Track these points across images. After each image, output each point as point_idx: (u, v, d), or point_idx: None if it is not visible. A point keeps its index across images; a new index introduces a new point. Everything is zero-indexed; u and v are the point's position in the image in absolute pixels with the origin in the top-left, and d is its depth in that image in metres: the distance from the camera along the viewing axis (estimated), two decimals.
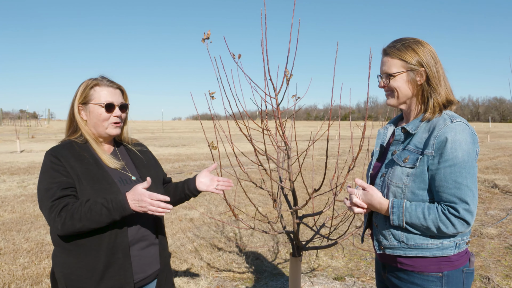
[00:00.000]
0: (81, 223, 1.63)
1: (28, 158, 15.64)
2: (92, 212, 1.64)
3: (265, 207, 7.27)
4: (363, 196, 1.67)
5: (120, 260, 1.75)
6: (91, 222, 1.64)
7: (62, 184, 1.69)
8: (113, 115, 1.85)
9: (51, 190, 1.67)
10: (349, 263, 4.59)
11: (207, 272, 4.35)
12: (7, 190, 8.94)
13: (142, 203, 1.64)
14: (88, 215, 1.63)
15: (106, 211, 1.64)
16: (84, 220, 1.63)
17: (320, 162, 14.11)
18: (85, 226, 1.65)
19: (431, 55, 1.65)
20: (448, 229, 1.52)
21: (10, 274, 4.23)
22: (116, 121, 1.87)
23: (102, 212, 1.64)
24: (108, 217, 1.65)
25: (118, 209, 1.65)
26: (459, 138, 1.52)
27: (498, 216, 6.65)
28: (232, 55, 2.55)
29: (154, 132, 45.01)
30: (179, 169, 12.49)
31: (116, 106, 1.86)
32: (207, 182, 2.04)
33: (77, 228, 1.65)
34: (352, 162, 2.51)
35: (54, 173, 1.71)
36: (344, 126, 52.64)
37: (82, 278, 1.73)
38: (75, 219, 1.63)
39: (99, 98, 1.83)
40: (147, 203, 1.63)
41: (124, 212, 1.66)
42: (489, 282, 3.98)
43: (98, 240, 1.72)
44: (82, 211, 1.64)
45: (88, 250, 1.73)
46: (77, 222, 1.63)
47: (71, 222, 1.63)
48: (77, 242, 1.73)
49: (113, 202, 1.66)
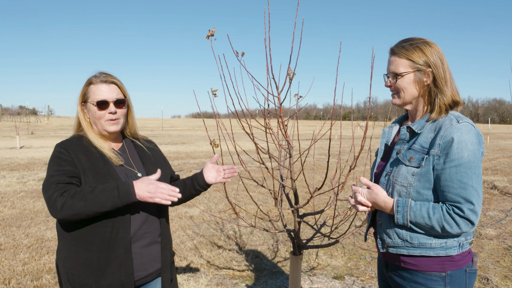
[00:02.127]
0: (82, 203, 1.61)
1: (28, 154, 15.64)
2: (94, 192, 1.63)
3: (265, 206, 7.27)
4: (368, 195, 1.68)
5: (122, 256, 1.74)
6: (93, 204, 1.62)
7: (68, 172, 1.71)
8: (107, 112, 1.82)
9: (57, 176, 1.69)
10: (349, 262, 4.60)
11: (207, 269, 4.35)
12: (6, 186, 8.94)
13: (151, 187, 1.65)
14: (90, 195, 1.62)
15: (112, 194, 1.63)
16: (86, 200, 1.62)
17: (320, 161, 14.12)
18: (86, 206, 1.61)
19: (438, 56, 1.65)
20: (453, 228, 1.52)
21: (11, 269, 4.23)
22: (111, 118, 1.83)
23: (106, 192, 1.63)
24: (113, 202, 1.64)
25: (125, 194, 1.64)
26: (465, 139, 1.52)
27: (497, 217, 6.66)
28: (235, 53, 2.55)
29: (154, 130, 45.00)
30: (179, 167, 12.50)
31: (111, 103, 1.82)
32: (214, 174, 2.05)
33: (77, 208, 1.61)
34: (353, 162, 2.51)
35: (61, 162, 1.73)
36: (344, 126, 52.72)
37: (83, 273, 1.73)
38: (76, 198, 1.62)
39: (94, 96, 1.82)
40: (157, 187, 1.65)
41: (130, 198, 1.65)
42: (488, 282, 3.99)
43: (100, 236, 1.72)
44: (84, 191, 1.64)
45: (90, 245, 1.73)
46: (78, 201, 1.61)
47: (71, 201, 1.61)
48: (79, 237, 1.74)
49: (119, 186, 1.66)
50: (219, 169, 2.04)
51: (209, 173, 2.05)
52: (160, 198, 1.67)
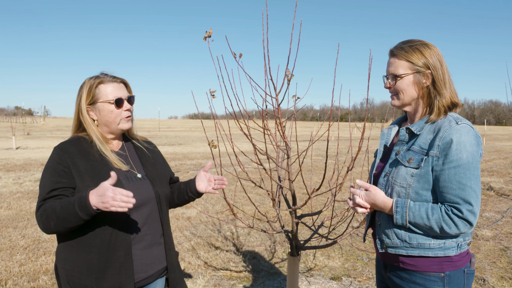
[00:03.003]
0: (53, 222, 1.62)
1: (24, 155, 15.57)
2: (61, 210, 1.62)
3: (262, 207, 7.27)
4: (366, 197, 1.68)
5: (122, 258, 1.74)
6: (62, 221, 1.62)
7: (55, 184, 1.70)
8: (123, 109, 1.85)
9: (43, 189, 1.71)
10: (346, 263, 4.61)
11: (204, 270, 4.35)
12: (3, 187, 8.89)
13: (104, 198, 1.54)
14: (58, 213, 1.62)
15: (72, 208, 1.60)
16: (55, 219, 1.62)
17: (317, 162, 14.14)
18: (58, 225, 1.63)
19: (437, 58, 1.66)
20: (451, 229, 1.53)
21: (7, 270, 4.21)
22: (128, 115, 1.88)
23: (69, 210, 1.61)
24: (75, 216, 1.59)
25: (81, 206, 1.58)
26: (464, 140, 1.53)
27: (493, 218, 6.69)
28: (233, 54, 2.55)
29: (150, 131, 44.91)
30: (176, 168, 12.48)
31: (125, 100, 1.86)
32: (205, 183, 2.03)
33: (53, 228, 1.64)
34: (351, 163, 2.52)
35: (52, 172, 1.73)
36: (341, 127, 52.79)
37: (82, 275, 1.72)
38: (50, 218, 1.63)
39: (106, 96, 1.82)
40: (109, 198, 1.53)
41: (87, 209, 1.57)
42: (484, 283, 4.01)
43: (99, 238, 1.72)
44: (54, 210, 1.63)
45: (89, 247, 1.72)
46: (51, 221, 1.63)
47: (47, 222, 1.64)
48: (79, 239, 1.73)
49: (77, 200, 1.60)
50: (210, 179, 2.02)
51: (201, 181, 2.04)
52: (115, 207, 1.55)
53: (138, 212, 1.80)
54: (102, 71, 1.90)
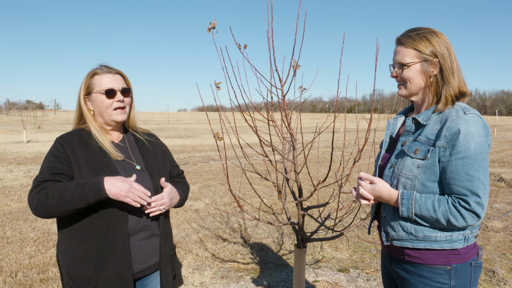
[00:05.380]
0: (54, 200, 1.63)
1: (35, 148, 15.75)
2: (66, 190, 1.64)
3: (270, 199, 7.27)
4: (371, 189, 1.66)
5: (120, 249, 1.75)
6: (64, 201, 1.63)
7: (55, 169, 1.73)
8: (115, 100, 1.85)
9: (42, 174, 1.72)
10: (354, 255, 4.59)
11: (212, 262, 4.37)
12: (14, 180, 9.01)
13: (125, 185, 1.65)
14: (62, 192, 1.63)
15: (80, 190, 1.63)
16: (57, 197, 1.63)
17: (325, 154, 14.08)
18: (58, 204, 1.63)
19: (445, 46, 1.61)
20: (458, 221, 1.50)
21: (17, 262, 4.27)
22: (120, 106, 1.86)
23: (76, 191, 1.63)
24: (81, 197, 1.63)
25: (93, 189, 1.63)
26: (472, 130, 1.49)
27: (504, 209, 6.61)
28: (238, 45, 2.52)
29: (160, 124, 45.11)
30: (184, 160, 12.52)
31: (117, 91, 1.85)
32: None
33: (50, 205, 1.64)
34: (357, 154, 2.49)
35: (52, 159, 1.75)
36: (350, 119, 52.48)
37: (81, 265, 1.74)
38: (49, 196, 1.64)
39: (99, 86, 1.84)
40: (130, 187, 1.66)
41: (98, 193, 1.63)
42: (494, 275, 3.97)
43: (98, 228, 1.73)
44: (58, 188, 1.65)
45: (88, 238, 1.74)
46: (51, 199, 1.64)
47: (45, 199, 1.64)
48: (78, 230, 1.75)
49: (89, 182, 1.64)
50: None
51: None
52: (131, 199, 1.67)
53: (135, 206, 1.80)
54: (101, 63, 1.91)
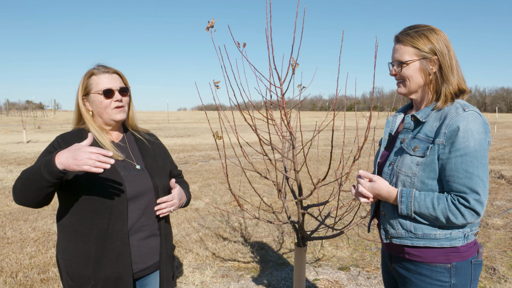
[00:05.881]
0: (20, 182, 1.61)
1: (35, 149, 15.74)
2: (29, 170, 1.61)
3: (270, 197, 7.27)
4: (371, 188, 1.65)
5: (119, 248, 1.74)
6: (27, 181, 1.58)
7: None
8: (113, 100, 1.84)
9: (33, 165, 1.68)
10: (354, 253, 4.59)
11: (212, 261, 4.37)
12: (14, 180, 8.99)
13: (79, 154, 1.48)
14: (26, 173, 1.61)
15: (37, 167, 1.56)
16: (24, 179, 1.60)
17: (325, 152, 14.08)
18: (24, 185, 1.59)
19: (444, 43, 1.60)
20: (458, 219, 1.49)
21: (18, 263, 4.27)
22: (118, 105, 1.85)
23: (33, 169, 1.58)
24: (38, 174, 1.55)
25: (46, 163, 1.53)
26: (471, 127, 1.49)
27: (504, 206, 6.61)
28: (236, 44, 2.52)
29: (159, 123, 45.10)
30: (184, 159, 12.52)
31: (115, 91, 1.85)
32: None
33: (19, 189, 1.61)
34: (357, 152, 2.49)
35: (46, 153, 1.74)
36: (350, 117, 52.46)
37: (80, 264, 1.74)
38: (19, 180, 1.62)
39: (97, 86, 1.83)
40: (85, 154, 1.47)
41: (51, 166, 1.51)
42: (494, 272, 3.97)
43: (97, 228, 1.73)
44: (26, 171, 1.62)
45: (87, 237, 1.73)
46: (19, 182, 1.62)
47: (16, 184, 1.63)
48: (77, 229, 1.74)
49: (44, 158, 1.58)
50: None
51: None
52: (89, 166, 1.48)
53: (135, 203, 1.80)
54: (98, 63, 1.91)
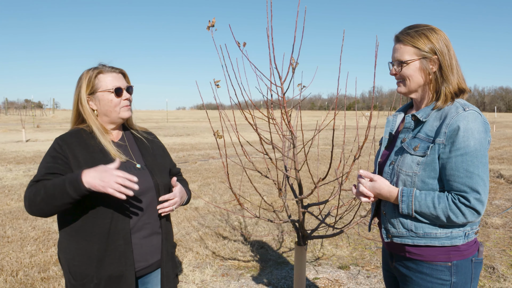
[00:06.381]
0: (39, 197, 1.62)
1: (34, 148, 15.73)
2: (50, 186, 1.61)
3: (270, 197, 7.28)
4: (371, 187, 1.66)
5: (121, 247, 1.75)
6: (48, 197, 1.60)
7: (51, 169, 1.72)
8: (122, 98, 1.88)
9: (38, 174, 1.72)
10: (354, 252, 4.61)
11: (212, 260, 4.37)
12: (13, 179, 9.00)
13: (106, 176, 1.55)
14: (46, 188, 1.62)
15: (61, 185, 1.59)
16: (43, 194, 1.61)
17: (325, 152, 14.09)
18: (44, 201, 1.61)
19: (444, 42, 1.61)
20: (458, 218, 1.50)
21: (18, 261, 4.28)
22: (127, 104, 1.90)
23: (58, 186, 1.60)
24: (63, 192, 1.58)
25: (72, 182, 1.58)
26: (471, 127, 1.50)
27: (503, 206, 6.63)
28: (237, 43, 2.53)
29: (158, 122, 45.08)
30: (184, 159, 12.52)
31: (124, 90, 1.88)
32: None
33: (38, 203, 1.62)
34: (357, 151, 2.49)
35: (50, 159, 1.75)
36: (349, 116, 52.47)
37: (82, 263, 1.74)
38: (36, 194, 1.63)
39: (106, 85, 1.85)
40: (112, 177, 1.54)
41: (78, 186, 1.57)
42: (494, 271, 3.98)
43: (99, 227, 1.74)
44: (44, 186, 1.63)
45: (90, 236, 1.74)
46: (38, 196, 1.62)
47: (34, 197, 1.63)
48: (79, 228, 1.75)
49: (69, 176, 1.61)
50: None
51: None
52: (114, 189, 1.55)
53: (137, 202, 1.81)
54: (100, 62, 1.91)
